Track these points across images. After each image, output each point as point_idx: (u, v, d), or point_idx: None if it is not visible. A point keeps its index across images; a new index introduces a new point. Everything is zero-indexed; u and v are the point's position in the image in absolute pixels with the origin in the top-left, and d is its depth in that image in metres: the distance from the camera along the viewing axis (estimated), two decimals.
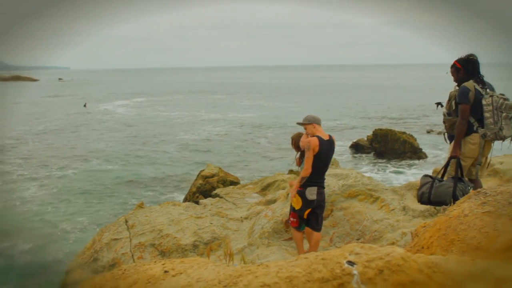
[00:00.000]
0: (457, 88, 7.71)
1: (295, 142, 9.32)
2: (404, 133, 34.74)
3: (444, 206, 6.93)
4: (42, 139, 45.77)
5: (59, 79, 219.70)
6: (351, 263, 2.65)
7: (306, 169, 7.97)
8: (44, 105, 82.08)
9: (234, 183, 17.65)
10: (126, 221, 12.32)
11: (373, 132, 36.05)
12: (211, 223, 11.81)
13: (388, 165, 32.28)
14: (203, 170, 18.74)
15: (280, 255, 9.69)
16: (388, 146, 33.81)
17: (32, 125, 55.28)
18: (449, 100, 7.72)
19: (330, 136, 8.27)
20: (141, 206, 13.47)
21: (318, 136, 8.02)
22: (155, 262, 3.18)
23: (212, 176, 17.95)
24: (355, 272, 2.58)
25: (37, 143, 43.78)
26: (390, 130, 35.27)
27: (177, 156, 36.78)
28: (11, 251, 19.24)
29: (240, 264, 5.18)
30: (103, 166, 33.58)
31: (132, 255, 10.97)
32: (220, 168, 18.78)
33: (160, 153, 38.25)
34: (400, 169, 30.91)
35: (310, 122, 8.14)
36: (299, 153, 9.27)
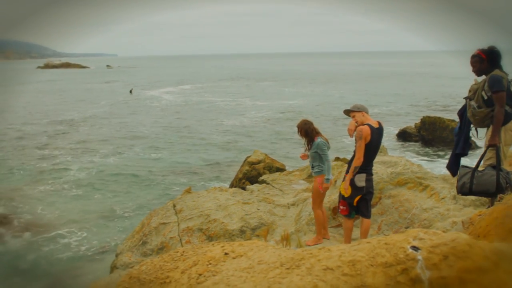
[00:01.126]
0: (476, 79, 7.52)
1: (302, 130, 9.26)
2: (453, 121, 33.91)
3: (500, 195, 6.75)
4: (92, 125, 46.80)
5: (107, 66, 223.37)
6: (415, 248, 2.59)
7: (358, 158, 7.85)
8: (94, 92, 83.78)
9: (280, 169, 17.63)
10: (174, 206, 12.47)
11: (421, 119, 35.41)
12: (258, 209, 11.83)
13: (437, 153, 31.67)
14: (250, 156, 18.77)
15: (327, 242, 9.64)
16: (436, 134, 33.16)
17: (82, 111, 56.54)
18: (475, 92, 7.49)
19: (379, 123, 8.13)
20: (188, 191, 13.61)
21: (369, 124, 7.89)
22: (213, 244, 3.19)
23: (259, 162, 17.97)
24: (419, 257, 2.52)
25: (86, 129, 44.82)
26: (439, 118, 34.56)
27: (222, 143, 36.99)
28: (62, 235, 19.81)
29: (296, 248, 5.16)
30: (149, 152, 34.10)
31: (180, 239, 11.11)
32: (266, 155, 18.78)
33: (205, 139, 38.53)
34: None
35: (359, 110, 8.01)
36: (307, 140, 9.21)
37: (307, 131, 9.19)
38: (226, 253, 2.85)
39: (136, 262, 11.46)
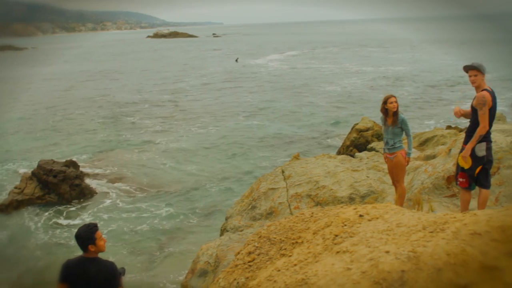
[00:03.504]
0: None
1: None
2: None
3: None
4: (197, 94, 47.99)
5: (213, 34, 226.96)
6: None
7: (484, 126, 7.34)
8: (201, 60, 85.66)
9: None
10: (283, 172, 12.52)
11: None
12: (367, 177, 11.61)
13: None
14: (357, 123, 18.46)
15: (440, 212, 9.30)
16: None
17: (189, 80, 58.04)
18: None
19: (491, 88, 7.57)
20: (297, 157, 13.62)
21: (486, 89, 7.36)
22: (341, 206, 3.14)
23: (367, 129, 17.64)
24: None
25: (192, 97, 46.06)
26: None
27: (328, 109, 36.68)
28: (169, 199, 20.64)
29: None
30: (254, 120, 34.47)
31: (289, 205, 11.16)
32: (374, 122, 18.36)
33: (311, 106, 38.36)
34: None
35: (484, 72, 7.42)
36: (392, 112, 8.75)
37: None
38: (360, 215, 2.79)
39: (246, 225, 11.70)
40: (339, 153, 17.87)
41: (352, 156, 14.33)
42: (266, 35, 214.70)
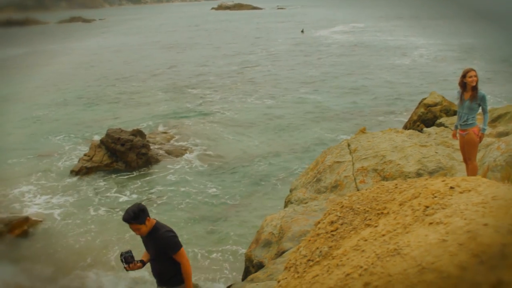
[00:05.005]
0: None
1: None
2: None
3: None
4: (263, 66, 47.90)
5: (278, 6, 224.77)
6: None
7: None
8: (266, 32, 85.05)
9: None
10: (349, 145, 12.40)
11: None
12: (436, 152, 11.33)
13: None
14: (425, 98, 17.94)
15: None
16: None
17: (254, 52, 57.84)
18: None
19: None
20: (363, 131, 13.46)
21: None
22: (426, 179, 3.07)
23: (435, 104, 17.13)
24: None
25: (258, 68, 46.05)
26: None
27: (394, 83, 35.90)
28: (237, 168, 20.87)
29: None
30: (316, 93, 34.20)
31: (355, 179, 11.07)
32: (443, 97, 17.80)
33: (377, 79, 37.66)
34: None
35: None
36: (471, 86, 8.38)
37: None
38: (451, 187, 2.71)
39: (310, 198, 11.70)
40: (405, 128, 17.46)
41: (420, 131, 14.01)
42: (331, 7, 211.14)
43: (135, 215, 5.43)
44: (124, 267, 5.71)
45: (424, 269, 1.97)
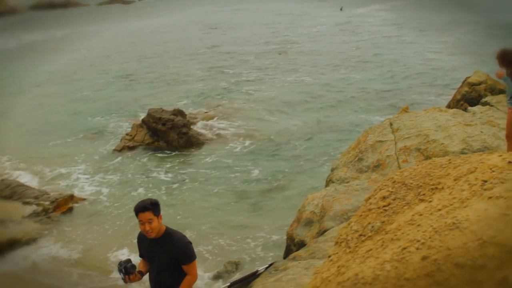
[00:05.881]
0: None
1: (504, 59, 8.23)
2: None
3: None
4: (304, 44, 47.49)
5: None
6: None
7: None
8: (307, 11, 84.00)
9: (504, 91, 16.19)
10: (391, 124, 12.26)
11: None
12: (481, 132, 11.10)
13: None
14: (469, 77, 17.52)
15: None
16: None
17: (296, 31, 57.20)
18: None
19: None
20: (405, 110, 13.25)
21: None
22: (481, 154, 3.02)
23: (479, 83, 16.73)
24: None
25: (297, 46, 45.73)
26: None
27: (437, 61, 35.10)
28: (273, 149, 20.93)
29: None
30: (358, 72, 33.83)
31: (397, 158, 10.96)
32: (488, 75, 17.35)
33: (418, 58, 36.91)
34: None
35: None
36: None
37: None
38: (509, 162, 2.66)
39: (352, 177, 11.65)
40: (449, 107, 17.12)
41: (464, 110, 13.73)
42: None
43: (152, 204, 5.00)
44: (123, 279, 5.19)
45: (485, 243, 1.95)
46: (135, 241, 5.55)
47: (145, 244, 5.26)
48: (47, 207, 15.84)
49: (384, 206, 2.80)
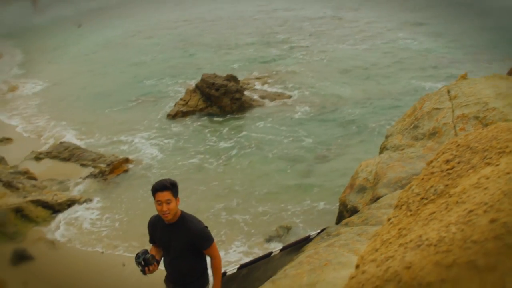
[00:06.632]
0: None
1: None
2: None
3: None
4: (359, 9, 46.60)
5: None
6: None
7: None
8: None
9: None
10: (449, 92, 11.94)
11: None
12: None
13: None
14: None
15: None
16: None
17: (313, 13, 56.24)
18: None
19: None
20: (464, 77, 12.86)
21: None
22: None
23: None
24: None
25: (353, 14, 44.89)
26: None
27: (496, 28, 33.76)
28: (327, 116, 20.78)
29: None
30: (415, 38, 33.04)
31: (454, 126, 10.70)
32: None
33: (476, 24, 35.58)
34: None
35: None
36: None
37: None
38: None
39: (406, 145, 11.46)
40: (510, 74, 16.54)
41: None
42: None
43: (172, 184, 4.84)
44: (142, 271, 4.96)
45: None
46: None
47: (158, 229, 5.13)
48: (103, 169, 16.34)
49: (447, 170, 2.74)
